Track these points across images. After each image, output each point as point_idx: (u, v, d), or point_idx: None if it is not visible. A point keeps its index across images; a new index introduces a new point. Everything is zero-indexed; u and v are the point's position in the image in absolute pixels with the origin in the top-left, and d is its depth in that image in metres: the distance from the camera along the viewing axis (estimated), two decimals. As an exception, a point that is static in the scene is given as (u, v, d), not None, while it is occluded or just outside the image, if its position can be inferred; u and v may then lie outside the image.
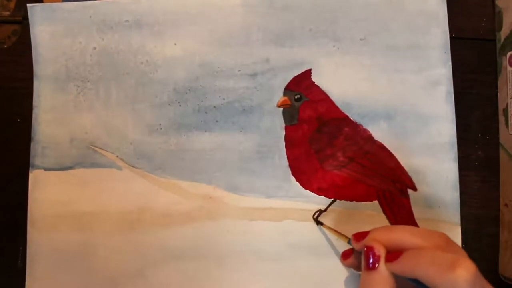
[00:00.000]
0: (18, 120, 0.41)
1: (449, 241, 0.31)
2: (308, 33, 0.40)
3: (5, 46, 0.42)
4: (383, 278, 0.30)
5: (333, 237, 0.39)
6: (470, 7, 0.43)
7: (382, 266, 0.30)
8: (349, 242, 0.34)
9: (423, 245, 0.30)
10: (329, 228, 0.38)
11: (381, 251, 0.31)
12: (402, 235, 0.31)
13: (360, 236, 0.33)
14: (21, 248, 0.40)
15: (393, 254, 0.30)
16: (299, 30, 0.40)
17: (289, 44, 0.40)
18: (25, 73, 0.41)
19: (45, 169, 0.40)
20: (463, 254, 0.30)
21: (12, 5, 0.42)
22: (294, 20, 0.40)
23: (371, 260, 0.31)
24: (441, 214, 0.39)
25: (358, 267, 0.34)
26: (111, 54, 0.40)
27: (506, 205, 0.40)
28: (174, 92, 0.40)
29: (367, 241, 0.32)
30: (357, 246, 0.33)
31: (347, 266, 0.38)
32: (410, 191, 0.39)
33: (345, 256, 0.37)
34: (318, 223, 0.39)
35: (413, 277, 0.29)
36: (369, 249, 0.31)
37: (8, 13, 0.42)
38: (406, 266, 0.30)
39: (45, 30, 0.40)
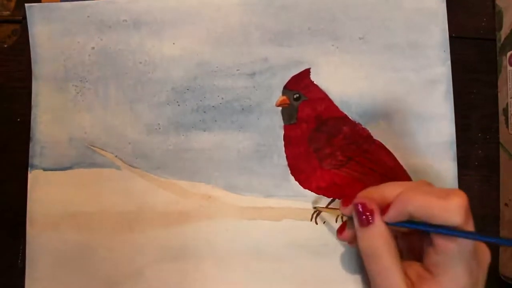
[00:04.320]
0: (18, 120, 0.41)
1: (433, 186, 0.31)
2: (306, 32, 0.40)
3: (5, 45, 0.42)
4: (381, 232, 0.30)
5: (332, 236, 0.39)
6: (470, 7, 0.43)
7: (377, 219, 0.30)
8: (348, 218, 0.33)
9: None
10: (322, 208, 0.38)
11: (373, 205, 0.31)
12: (388, 189, 0.31)
13: (348, 200, 0.33)
14: (20, 248, 0.40)
15: (384, 207, 0.30)
16: (297, 29, 0.40)
17: (288, 43, 0.40)
18: (25, 72, 0.41)
19: (44, 169, 0.40)
20: None
21: (12, 4, 0.42)
22: (292, 19, 0.40)
23: (364, 216, 0.30)
24: (440, 214, 0.39)
25: (353, 239, 0.33)
26: (109, 54, 0.40)
27: (506, 204, 0.40)
28: (173, 92, 0.40)
29: (357, 199, 0.32)
30: (347, 210, 0.33)
31: (343, 240, 0.35)
32: (409, 190, 0.39)
33: (340, 230, 0.35)
34: (314, 208, 0.39)
35: (406, 218, 0.29)
36: (362, 205, 0.31)
37: (8, 12, 0.42)
38: (400, 207, 0.30)
39: (43, 30, 0.40)
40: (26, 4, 0.41)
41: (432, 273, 0.30)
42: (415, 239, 0.33)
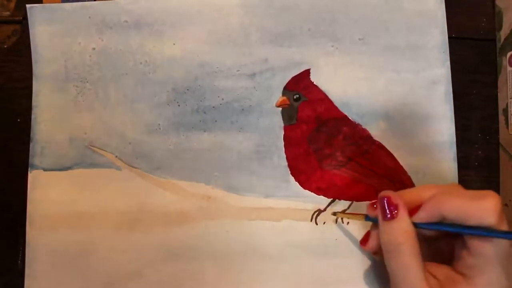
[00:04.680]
0: (18, 120, 0.41)
1: (465, 189, 0.31)
2: (306, 33, 0.40)
3: (5, 46, 0.42)
4: (404, 227, 0.30)
5: (332, 236, 0.39)
6: (470, 7, 0.43)
7: (402, 214, 0.30)
8: (366, 219, 0.33)
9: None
10: (343, 213, 0.38)
11: (398, 200, 0.30)
12: (422, 191, 0.31)
13: (374, 203, 0.32)
14: (20, 248, 0.40)
15: (414, 208, 0.30)
16: (298, 30, 0.40)
17: (288, 44, 0.40)
18: (25, 73, 0.41)
19: (44, 169, 0.40)
20: None
21: (12, 5, 0.42)
22: (293, 20, 0.40)
23: (388, 210, 0.30)
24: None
25: (378, 249, 0.33)
26: (110, 55, 0.40)
27: (506, 205, 0.40)
28: (173, 92, 0.40)
29: (383, 193, 0.31)
30: (373, 213, 0.32)
31: (367, 250, 0.35)
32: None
33: (363, 241, 0.34)
34: (334, 214, 0.39)
35: (437, 219, 0.29)
36: (387, 198, 0.30)
37: (8, 13, 0.42)
38: (432, 208, 0.29)
39: (44, 30, 0.41)
40: (27, 5, 0.41)
41: (465, 276, 0.29)
42: (443, 243, 0.32)
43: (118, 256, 0.39)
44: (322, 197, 0.39)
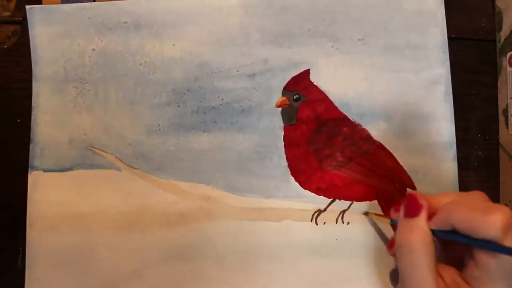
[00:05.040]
0: (18, 120, 0.41)
1: (487, 199, 0.31)
2: (306, 33, 0.40)
3: (5, 46, 0.42)
4: (422, 227, 0.30)
5: (332, 236, 0.39)
6: (470, 8, 0.43)
7: (423, 214, 0.30)
8: (391, 221, 0.33)
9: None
10: (375, 214, 0.38)
11: (423, 201, 0.31)
12: (443, 197, 0.31)
13: (397, 207, 0.33)
14: (20, 249, 0.40)
15: (431, 214, 0.30)
16: (297, 30, 0.40)
17: (288, 45, 0.40)
18: (25, 73, 0.41)
19: (44, 170, 0.40)
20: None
21: (12, 5, 0.42)
22: (292, 21, 0.40)
23: (411, 207, 0.31)
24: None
25: None
26: (109, 55, 0.40)
27: (506, 205, 0.40)
28: (173, 93, 0.40)
29: (410, 192, 0.32)
30: (395, 215, 0.33)
31: (393, 255, 0.34)
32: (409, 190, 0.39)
33: (390, 245, 0.34)
34: (365, 214, 0.39)
35: (449, 228, 0.29)
36: (413, 197, 0.31)
37: (8, 13, 0.42)
38: (443, 215, 0.29)
39: (44, 31, 0.41)
40: (26, 6, 0.41)
41: (470, 286, 0.29)
42: (457, 248, 0.32)
43: (118, 257, 0.39)
44: (322, 197, 0.39)
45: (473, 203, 0.29)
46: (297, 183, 0.39)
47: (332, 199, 0.39)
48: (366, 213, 0.39)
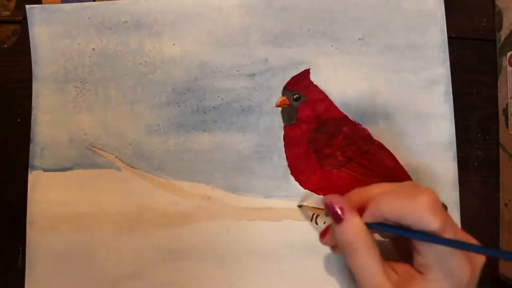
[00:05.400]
0: (18, 120, 0.41)
1: (416, 185, 0.31)
2: (306, 33, 0.40)
3: (5, 46, 0.42)
4: (353, 227, 0.30)
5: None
6: (470, 7, 0.43)
7: (348, 215, 0.30)
8: (326, 214, 0.33)
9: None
10: (309, 207, 0.38)
11: (342, 203, 0.31)
12: (375, 189, 0.32)
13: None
14: (20, 249, 0.40)
15: (364, 207, 0.31)
16: (297, 30, 0.40)
17: (288, 44, 0.40)
18: (25, 73, 0.41)
19: (44, 170, 0.40)
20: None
21: (12, 5, 0.42)
22: (292, 21, 0.40)
23: (334, 213, 0.31)
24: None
25: (334, 245, 0.33)
26: (109, 55, 0.40)
27: (506, 205, 0.40)
28: (173, 93, 0.40)
29: (325, 198, 0.32)
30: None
31: (325, 244, 0.35)
32: (409, 191, 0.39)
33: (322, 234, 0.34)
34: (299, 207, 0.39)
35: (382, 220, 0.29)
36: (329, 206, 0.31)
37: (8, 13, 0.42)
38: (374, 209, 0.30)
39: (44, 31, 0.41)
40: (26, 6, 0.41)
41: (420, 273, 0.30)
42: (404, 241, 0.33)
43: (118, 257, 0.39)
44: (322, 197, 0.39)
45: (399, 192, 0.29)
46: (297, 182, 0.39)
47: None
48: (300, 206, 0.39)
